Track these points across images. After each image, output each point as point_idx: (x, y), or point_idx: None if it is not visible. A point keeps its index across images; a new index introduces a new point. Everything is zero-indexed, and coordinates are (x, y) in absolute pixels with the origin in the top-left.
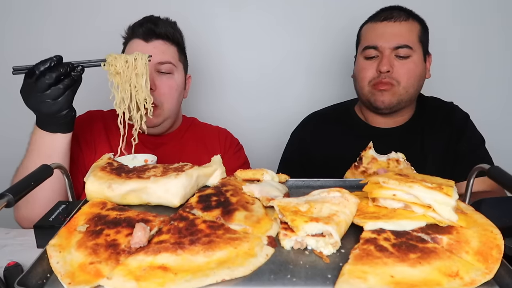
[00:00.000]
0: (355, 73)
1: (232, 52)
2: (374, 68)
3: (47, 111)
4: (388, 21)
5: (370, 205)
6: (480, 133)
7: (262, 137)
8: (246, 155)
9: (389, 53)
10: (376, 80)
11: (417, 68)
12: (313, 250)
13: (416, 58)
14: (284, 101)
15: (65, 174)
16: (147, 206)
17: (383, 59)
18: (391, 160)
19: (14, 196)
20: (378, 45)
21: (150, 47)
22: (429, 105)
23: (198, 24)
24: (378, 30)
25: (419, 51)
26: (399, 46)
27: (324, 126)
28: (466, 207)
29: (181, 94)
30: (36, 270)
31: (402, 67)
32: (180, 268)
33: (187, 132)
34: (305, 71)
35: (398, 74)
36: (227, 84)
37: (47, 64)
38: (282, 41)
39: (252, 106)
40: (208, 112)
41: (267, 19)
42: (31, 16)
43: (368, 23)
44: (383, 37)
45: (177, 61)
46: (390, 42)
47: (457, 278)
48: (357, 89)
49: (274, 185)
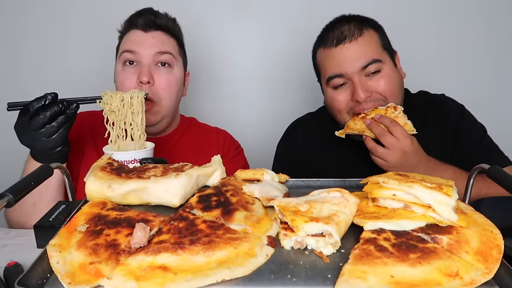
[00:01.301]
0: (328, 105)
1: (233, 52)
2: (348, 98)
3: (41, 148)
4: (343, 43)
5: (370, 205)
6: (479, 123)
7: (262, 136)
8: (245, 158)
9: (359, 78)
10: (357, 108)
11: (393, 77)
12: (313, 250)
13: (387, 69)
14: (284, 101)
15: (65, 174)
16: (147, 206)
17: (356, 88)
18: (390, 107)
19: (14, 196)
20: (343, 72)
21: (149, 36)
22: (417, 102)
23: (198, 24)
24: (336, 58)
25: (387, 60)
26: (366, 65)
27: (310, 134)
28: (466, 207)
29: (180, 90)
30: (36, 270)
31: (379, 84)
32: (180, 268)
33: (184, 133)
34: (304, 71)
35: (379, 92)
36: (227, 83)
37: (42, 102)
38: (283, 42)
39: (252, 106)
40: (207, 112)
41: (269, 20)
42: (33, 16)
43: (320, 48)
44: (344, 63)
45: (177, 54)
46: (354, 65)
47: (457, 278)
48: (337, 119)
49: (274, 185)
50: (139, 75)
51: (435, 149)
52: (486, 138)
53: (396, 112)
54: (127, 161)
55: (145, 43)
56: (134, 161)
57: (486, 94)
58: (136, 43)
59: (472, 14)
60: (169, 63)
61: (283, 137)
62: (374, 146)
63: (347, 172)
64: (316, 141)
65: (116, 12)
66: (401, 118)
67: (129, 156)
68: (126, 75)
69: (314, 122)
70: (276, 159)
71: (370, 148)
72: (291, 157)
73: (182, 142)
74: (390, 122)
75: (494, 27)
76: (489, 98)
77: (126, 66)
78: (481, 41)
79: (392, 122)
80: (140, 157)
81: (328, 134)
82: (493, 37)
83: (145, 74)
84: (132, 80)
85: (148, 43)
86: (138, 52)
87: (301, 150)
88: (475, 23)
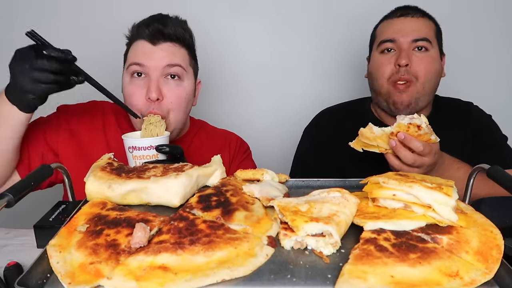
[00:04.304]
0: (371, 71)
1: (236, 52)
2: (392, 63)
3: (22, 84)
4: (405, 16)
5: (370, 205)
6: (502, 133)
7: (269, 138)
8: (253, 161)
9: (408, 47)
10: (395, 77)
11: (434, 63)
12: (313, 250)
13: (433, 53)
14: (287, 100)
15: (65, 174)
16: (147, 206)
17: (402, 53)
18: (412, 125)
19: (14, 196)
20: (396, 39)
21: (158, 49)
22: (444, 106)
23: (199, 23)
24: (395, 25)
25: (436, 47)
26: (417, 39)
27: (338, 123)
28: (466, 207)
29: (190, 102)
30: (36, 270)
31: (421, 61)
32: (180, 268)
33: (195, 137)
34: (309, 70)
35: (416, 68)
36: (230, 84)
37: (58, 53)
38: (287, 40)
39: (255, 106)
40: (214, 115)
41: (271, 19)
42: (42, 13)
43: (383, 21)
44: (401, 31)
45: (187, 65)
46: (408, 35)
47: (457, 278)
48: (375, 88)
49: (274, 185)
50: (148, 91)
51: (455, 153)
52: (505, 145)
53: (421, 132)
54: (144, 147)
55: (153, 56)
56: (150, 147)
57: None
58: (144, 55)
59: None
60: (179, 76)
61: (311, 123)
62: (399, 165)
63: (365, 163)
64: (344, 128)
65: (116, 12)
66: (424, 136)
67: (146, 143)
68: (134, 88)
69: (347, 112)
70: (300, 145)
71: (395, 166)
72: (316, 143)
73: (194, 147)
74: (418, 148)
75: None
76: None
77: (134, 78)
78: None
79: (419, 147)
80: (156, 144)
81: (357, 125)
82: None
83: (154, 90)
84: (140, 94)
85: (156, 55)
86: (146, 65)
87: (326, 136)
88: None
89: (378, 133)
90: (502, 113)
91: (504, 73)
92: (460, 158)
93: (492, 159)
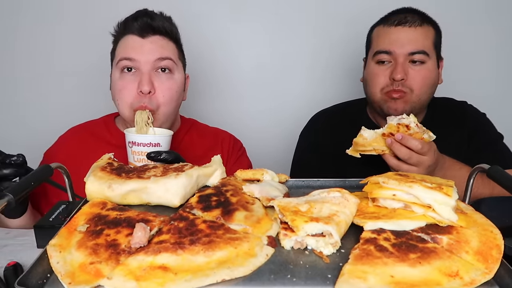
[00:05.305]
0: (366, 78)
1: (232, 51)
2: (386, 75)
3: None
4: (402, 26)
5: (370, 205)
6: (497, 131)
7: (267, 138)
8: (248, 158)
9: (403, 60)
10: (388, 89)
11: (431, 75)
12: (313, 250)
13: (430, 65)
14: (285, 100)
15: (65, 174)
16: (147, 206)
17: (397, 67)
18: (401, 125)
19: (14, 196)
20: (392, 50)
21: (147, 42)
22: (440, 107)
23: (196, 23)
24: (392, 35)
25: (433, 58)
26: (414, 52)
27: (335, 125)
28: (466, 207)
29: (181, 96)
30: (36, 270)
31: (417, 74)
32: (180, 268)
33: (186, 136)
34: (306, 70)
35: (412, 82)
36: (227, 83)
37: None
38: (283, 41)
39: (252, 106)
40: (207, 113)
41: (269, 19)
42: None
43: (379, 26)
44: (397, 42)
45: (177, 59)
46: (404, 47)
47: (457, 278)
48: (368, 95)
49: (274, 185)
50: (140, 84)
51: (452, 153)
52: (501, 143)
53: (410, 131)
54: (143, 143)
55: (143, 49)
56: (150, 144)
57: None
58: (134, 49)
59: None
60: (169, 69)
61: (307, 126)
62: (397, 165)
63: (365, 164)
64: (340, 131)
65: (112, 11)
66: (415, 135)
67: (147, 139)
68: (125, 83)
69: (343, 114)
70: (298, 149)
71: (393, 166)
72: (313, 145)
73: (184, 146)
74: (416, 146)
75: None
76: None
77: (124, 73)
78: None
79: (417, 146)
80: (156, 141)
81: (353, 128)
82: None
83: (146, 83)
84: (131, 88)
85: (146, 49)
86: (137, 59)
87: (323, 138)
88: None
89: (370, 137)
90: (496, 113)
91: (499, 72)
92: (457, 159)
93: (491, 159)
